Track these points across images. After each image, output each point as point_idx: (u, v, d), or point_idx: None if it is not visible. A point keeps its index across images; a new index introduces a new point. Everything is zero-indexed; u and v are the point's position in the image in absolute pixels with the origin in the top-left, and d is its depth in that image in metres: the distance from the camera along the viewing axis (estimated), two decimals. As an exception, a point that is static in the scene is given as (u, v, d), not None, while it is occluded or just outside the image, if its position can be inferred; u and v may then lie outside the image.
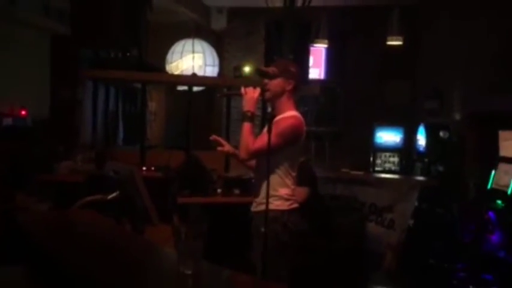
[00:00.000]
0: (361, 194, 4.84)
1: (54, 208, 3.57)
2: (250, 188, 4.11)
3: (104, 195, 2.54)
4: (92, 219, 2.19)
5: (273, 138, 2.64)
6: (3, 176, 3.49)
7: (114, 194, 2.45)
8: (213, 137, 2.96)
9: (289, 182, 2.86)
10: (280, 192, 2.81)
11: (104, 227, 1.93)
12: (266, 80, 2.85)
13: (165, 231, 3.42)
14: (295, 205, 2.87)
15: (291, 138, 2.79)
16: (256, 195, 2.86)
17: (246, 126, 2.81)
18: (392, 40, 5.47)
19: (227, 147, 2.95)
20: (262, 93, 2.86)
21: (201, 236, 1.54)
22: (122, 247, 1.72)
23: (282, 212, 2.80)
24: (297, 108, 2.95)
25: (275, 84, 2.84)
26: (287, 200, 2.83)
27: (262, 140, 2.71)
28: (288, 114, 2.83)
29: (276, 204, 2.79)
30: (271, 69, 2.86)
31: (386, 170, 7.11)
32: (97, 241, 1.81)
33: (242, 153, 2.83)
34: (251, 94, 2.85)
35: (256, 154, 2.81)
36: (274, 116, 2.80)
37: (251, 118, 2.83)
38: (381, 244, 4.70)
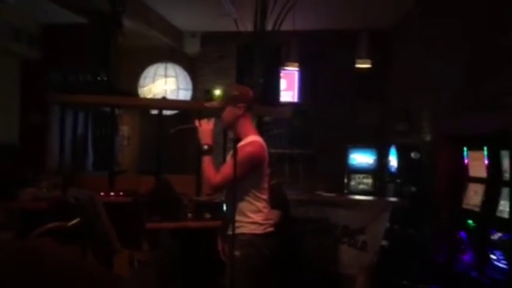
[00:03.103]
0: (333, 216, 4.83)
1: (17, 236, 3.46)
2: (221, 212, 4.07)
3: (65, 222, 2.47)
4: (49, 248, 2.12)
5: (228, 168, 2.66)
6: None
7: (74, 221, 2.39)
8: None
9: (260, 205, 2.85)
10: (254, 218, 2.80)
11: (55, 257, 1.86)
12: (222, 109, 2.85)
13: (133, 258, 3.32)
14: (270, 229, 2.86)
15: (251, 167, 2.78)
16: (230, 219, 2.83)
17: (206, 160, 2.80)
18: (360, 63, 5.56)
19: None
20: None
21: (155, 264, 1.50)
22: (69, 278, 1.65)
23: (257, 235, 2.78)
24: (255, 128, 2.96)
25: (226, 114, 2.84)
26: (261, 224, 2.82)
27: (223, 173, 2.71)
28: (247, 141, 2.82)
29: (250, 228, 2.79)
30: (214, 102, 2.90)
31: (360, 191, 7.13)
32: (48, 274, 1.73)
33: (206, 189, 2.83)
34: (206, 126, 2.84)
35: (220, 187, 2.80)
36: (239, 139, 2.79)
37: (209, 151, 2.81)
38: (354, 266, 4.67)
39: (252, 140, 2.83)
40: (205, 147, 2.80)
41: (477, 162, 4.62)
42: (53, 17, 6.56)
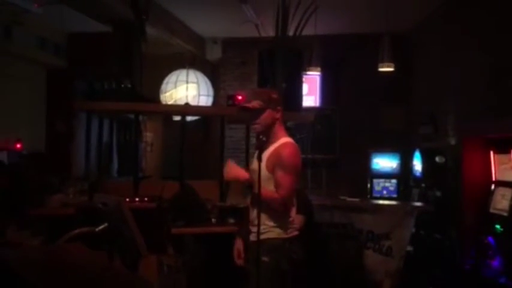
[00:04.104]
0: (358, 221, 4.79)
1: (46, 242, 3.52)
2: (245, 216, 4.08)
3: (93, 227, 2.50)
4: (77, 253, 2.15)
5: (287, 177, 2.67)
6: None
7: (102, 226, 2.42)
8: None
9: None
10: (279, 222, 2.80)
11: (82, 262, 1.89)
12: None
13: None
14: (295, 233, 2.86)
15: (299, 167, 2.80)
16: (254, 224, 2.82)
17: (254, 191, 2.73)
18: (383, 67, 5.51)
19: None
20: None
21: (185, 268, 1.51)
22: (97, 282, 1.68)
23: (283, 240, 2.79)
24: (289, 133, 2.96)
25: (265, 116, 2.82)
26: (287, 228, 2.82)
27: (284, 186, 2.72)
28: (283, 142, 2.83)
29: (277, 233, 2.79)
30: (256, 103, 2.83)
31: (384, 196, 7.06)
32: (76, 279, 1.77)
33: (280, 208, 2.77)
34: (229, 167, 2.79)
35: (289, 197, 2.78)
36: (264, 143, 2.79)
37: (251, 185, 2.74)
38: (379, 272, 4.63)
39: (287, 140, 2.84)
40: (246, 184, 2.75)
41: (504, 166, 4.55)
42: (78, 26, 6.69)
